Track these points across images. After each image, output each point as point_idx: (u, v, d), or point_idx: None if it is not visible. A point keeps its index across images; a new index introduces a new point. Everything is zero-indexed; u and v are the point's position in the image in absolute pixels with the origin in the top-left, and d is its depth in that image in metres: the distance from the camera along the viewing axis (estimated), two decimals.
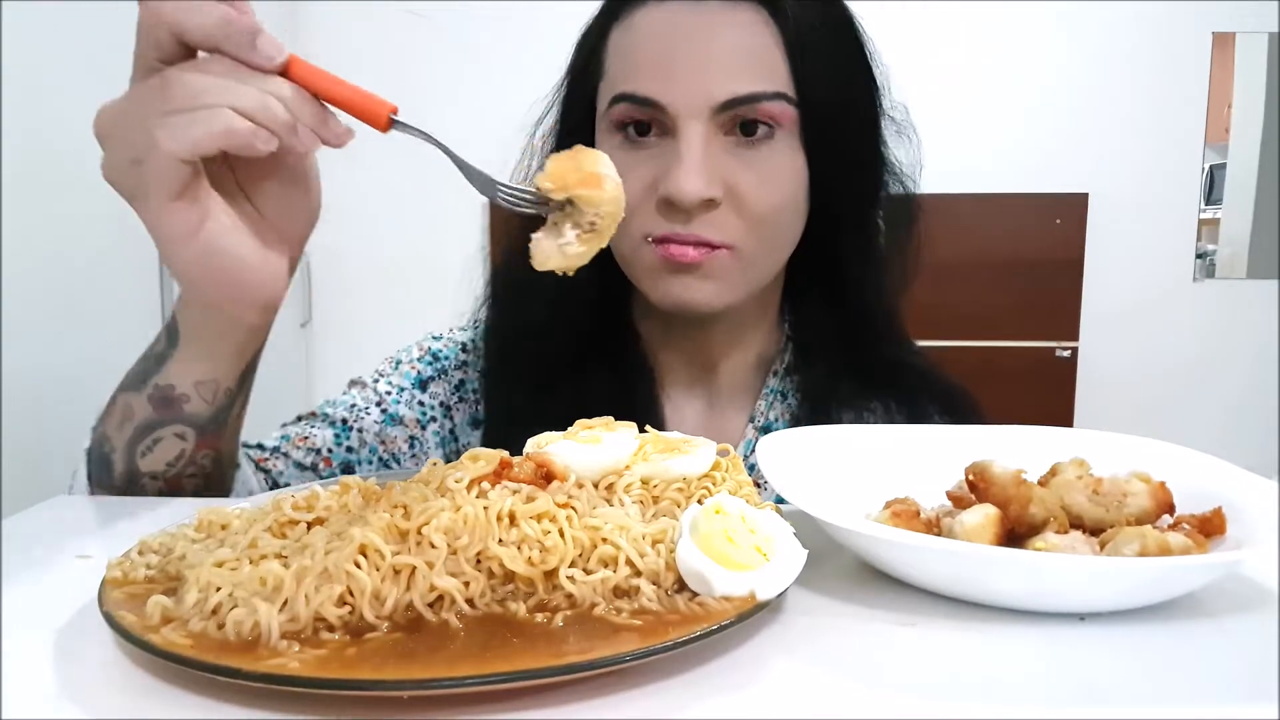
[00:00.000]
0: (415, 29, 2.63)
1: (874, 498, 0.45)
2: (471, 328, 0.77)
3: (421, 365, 0.74)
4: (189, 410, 0.55)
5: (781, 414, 0.72)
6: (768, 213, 0.63)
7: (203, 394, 0.55)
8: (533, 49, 2.44)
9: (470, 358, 0.75)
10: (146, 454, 0.56)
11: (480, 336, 0.76)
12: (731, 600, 0.34)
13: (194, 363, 0.54)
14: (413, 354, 0.75)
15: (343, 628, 0.32)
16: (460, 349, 0.76)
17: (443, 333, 0.77)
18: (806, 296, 0.73)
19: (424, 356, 0.75)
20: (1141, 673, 0.32)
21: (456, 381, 0.74)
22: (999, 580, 0.36)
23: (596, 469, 0.42)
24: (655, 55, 0.62)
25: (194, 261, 0.48)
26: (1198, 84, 2.54)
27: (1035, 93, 2.56)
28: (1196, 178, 2.59)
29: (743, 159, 0.62)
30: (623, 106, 0.63)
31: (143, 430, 0.55)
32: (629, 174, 0.61)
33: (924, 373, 0.74)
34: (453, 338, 0.77)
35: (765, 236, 0.64)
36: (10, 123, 1.39)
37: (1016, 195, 2.54)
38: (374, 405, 0.71)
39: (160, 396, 0.55)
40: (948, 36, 2.52)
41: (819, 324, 0.72)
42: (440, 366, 0.74)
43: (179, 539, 0.39)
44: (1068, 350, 2.57)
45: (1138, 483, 0.42)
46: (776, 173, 0.63)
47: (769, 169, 0.63)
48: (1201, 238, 2.61)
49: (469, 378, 0.75)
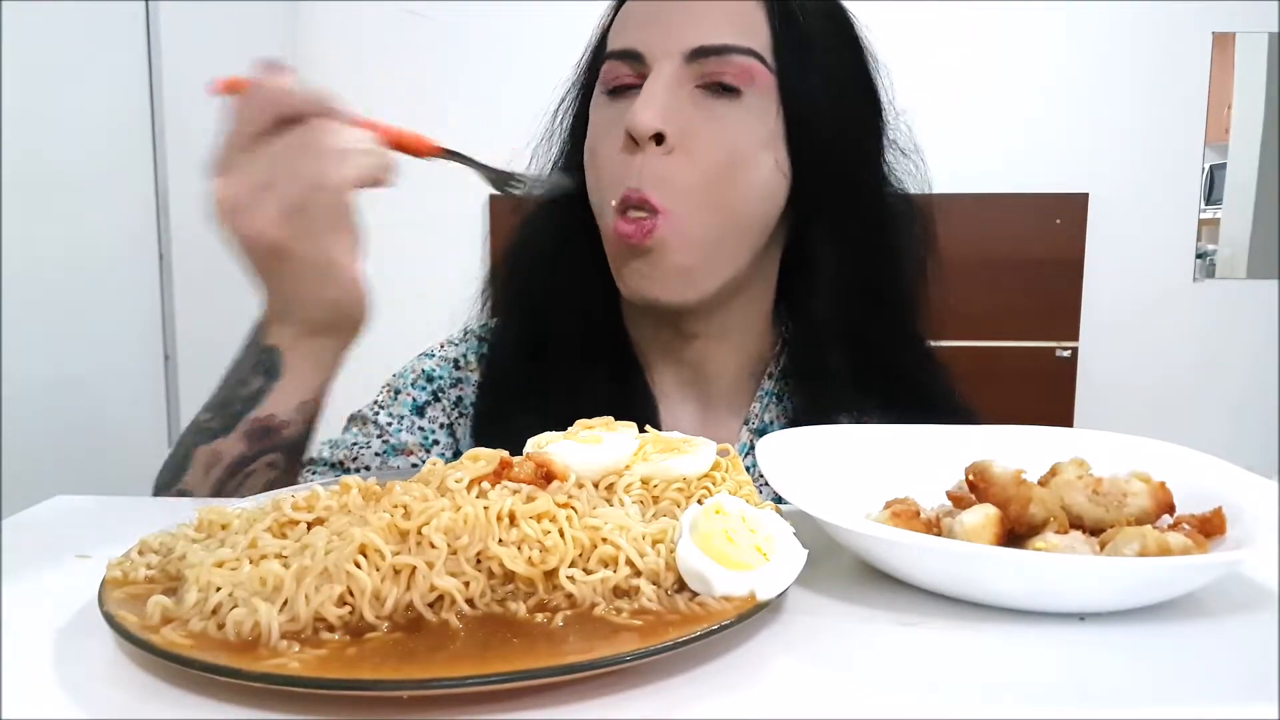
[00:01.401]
0: (415, 29, 2.63)
1: (874, 498, 0.45)
2: (462, 340, 0.77)
3: (416, 391, 0.73)
4: (288, 435, 0.57)
5: (777, 417, 0.72)
6: (722, 163, 0.62)
7: (304, 415, 0.58)
8: (533, 48, 2.44)
9: (464, 373, 0.75)
10: (237, 490, 0.57)
11: (473, 349, 0.76)
12: (731, 600, 0.34)
13: (298, 387, 0.57)
14: (407, 379, 0.74)
15: (343, 628, 0.32)
16: (453, 365, 0.75)
17: (434, 350, 0.76)
18: (800, 298, 0.72)
19: (418, 381, 0.74)
20: (1141, 673, 0.32)
21: (454, 399, 0.74)
22: (999, 580, 0.36)
23: (596, 469, 0.42)
24: (642, 14, 0.65)
25: (356, 281, 0.54)
26: (1198, 84, 2.54)
27: (1035, 93, 2.56)
28: (1196, 178, 2.59)
29: (704, 108, 0.63)
30: (609, 64, 0.66)
31: (233, 468, 0.57)
32: (604, 124, 0.66)
33: (924, 384, 0.73)
34: (444, 355, 0.76)
35: (713, 198, 0.62)
36: (10, 123, 1.39)
37: (1016, 195, 2.54)
38: (375, 438, 0.71)
39: (259, 429, 0.56)
40: (948, 37, 2.52)
41: (814, 326, 0.71)
42: (435, 389, 0.74)
43: (179, 539, 0.39)
44: (1068, 350, 2.57)
45: (1138, 483, 0.42)
46: (740, 124, 0.63)
47: (728, 121, 0.63)
48: (1201, 238, 2.61)
49: (466, 393, 0.74)
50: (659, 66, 0.62)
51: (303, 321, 0.55)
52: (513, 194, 0.59)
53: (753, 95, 0.63)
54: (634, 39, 0.64)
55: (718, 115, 0.62)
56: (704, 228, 0.63)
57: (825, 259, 0.69)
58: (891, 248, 0.71)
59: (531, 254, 0.73)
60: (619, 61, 0.65)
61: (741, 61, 0.62)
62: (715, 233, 0.63)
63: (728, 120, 0.62)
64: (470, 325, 0.78)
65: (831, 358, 0.70)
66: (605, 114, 0.66)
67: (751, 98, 0.63)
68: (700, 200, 0.62)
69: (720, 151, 0.62)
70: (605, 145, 0.65)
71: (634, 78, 0.64)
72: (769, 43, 0.63)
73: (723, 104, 0.63)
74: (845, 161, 0.67)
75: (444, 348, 0.77)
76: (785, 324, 0.74)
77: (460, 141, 0.53)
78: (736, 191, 0.63)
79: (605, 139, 0.65)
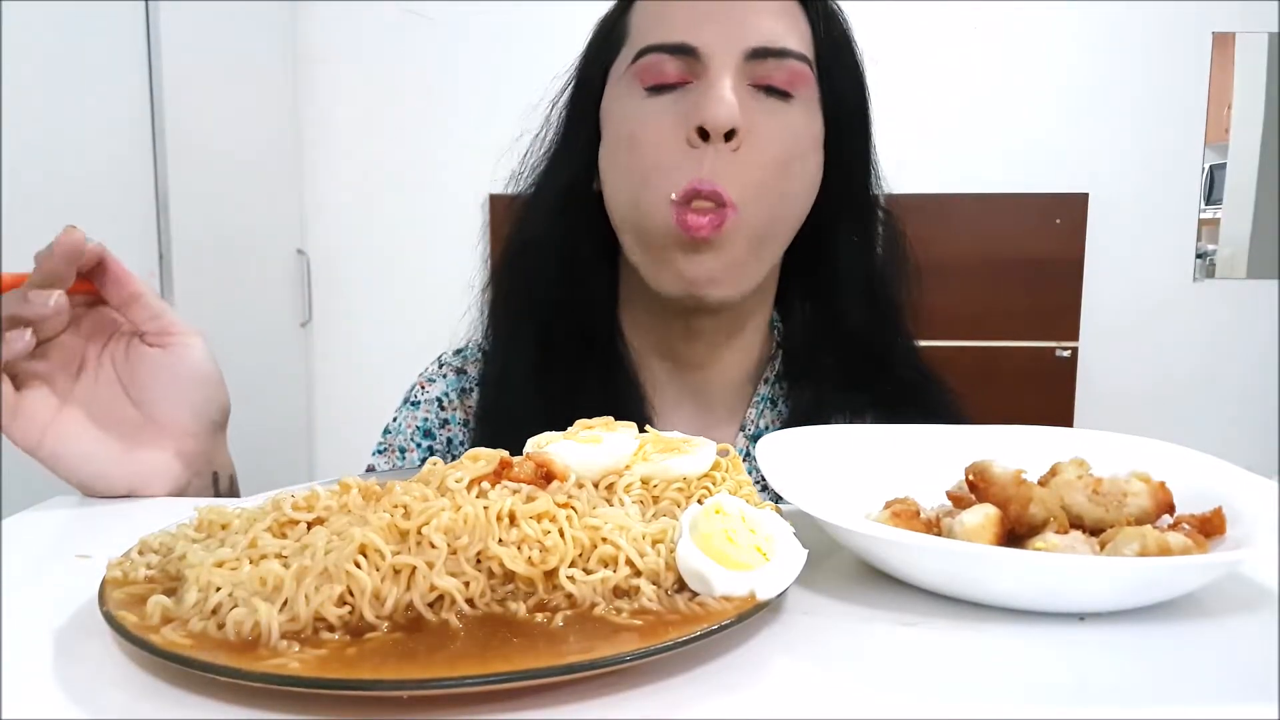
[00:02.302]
0: (415, 29, 2.63)
1: (874, 498, 0.45)
2: (439, 375, 0.77)
3: (421, 452, 0.74)
4: None
5: (772, 421, 0.72)
6: (783, 161, 0.63)
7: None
8: (533, 48, 2.44)
9: (449, 413, 0.75)
10: None
11: (452, 386, 0.76)
12: (731, 600, 0.34)
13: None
14: (406, 435, 0.75)
15: (343, 628, 0.32)
16: (439, 406, 0.75)
17: (419, 396, 0.76)
18: (798, 300, 0.73)
19: (414, 436, 0.75)
20: (1141, 673, 0.32)
21: (445, 441, 0.75)
22: (999, 580, 0.36)
23: (596, 469, 0.42)
24: (689, 8, 0.64)
25: (42, 461, 0.55)
26: (1198, 84, 2.55)
27: (1035, 93, 2.56)
28: (1196, 178, 2.59)
29: (765, 107, 0.63)
30: (651, 58, 0.64)
31: None
32: (653, 118, 0.64)
33: (918, 384, 0.73)
34: (429, 397, 0.76)
35: (774, 195, 0.63)
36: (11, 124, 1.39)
37: (1016, 195, 2.55)
38: None
39: None
40: (949, 37, 2.52)
41: (810, 328, 0.72)
42: (430, 445, 0.74)
43: (179, 539, 0.39)
44: (1068, 350, 2.57)
45: (1138, 483, 0.42)
46: (795, 127, 0.64)
47: (789, 120, 0.63)
48: (1201, 238, 2.61)
49: (454, 433, 0.75)
50: (719, 63, 0.62)
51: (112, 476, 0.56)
52: None
53: (801, 100, 0.64)
54: (687, 34, 0.63)
55: (780, 113, 0.63)
56: (762, 224, 0.63)
57: (828, 262, 0.70)
58: (886, 250, 0.73)
59: (535, 260, 0.72)
60: (666, 56, 0.63)
61: (794, 65, 0.63)
62: (769, 229, 0.64)
63: (787, 120, 0.63)
64: (445, 356, 0.78)
65: (826, 358, 0.71)
66: (649, 108, 0.64)
67: (800, 103, 0.64)
68: (761, 196, 0.63)
69: (782, 150, 0.63)
70: (655, 139, 0.63)
71: (682, 74, 0.63)
72: (811, 47, 0.65)
73: (782, 105, 0.63)
74: (866, 166, 0.69)
75: (425, 388, 0.77)
76: (778, 328, 0.75)
77: (460, 139, 0.53)
78: (792, 190, 0.65)
79: (653, 133, 0.63)
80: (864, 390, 0.71)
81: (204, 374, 0.58)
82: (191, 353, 0.58)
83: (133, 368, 0.57)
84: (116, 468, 0.55)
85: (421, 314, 0.82)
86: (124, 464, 0.56)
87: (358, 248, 2.71)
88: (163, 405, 0.57)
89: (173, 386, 0.57)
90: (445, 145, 2.54)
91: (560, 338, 0.70)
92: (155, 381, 0.57)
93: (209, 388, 0.59)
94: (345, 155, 2.70)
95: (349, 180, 2.71)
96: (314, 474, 2.74)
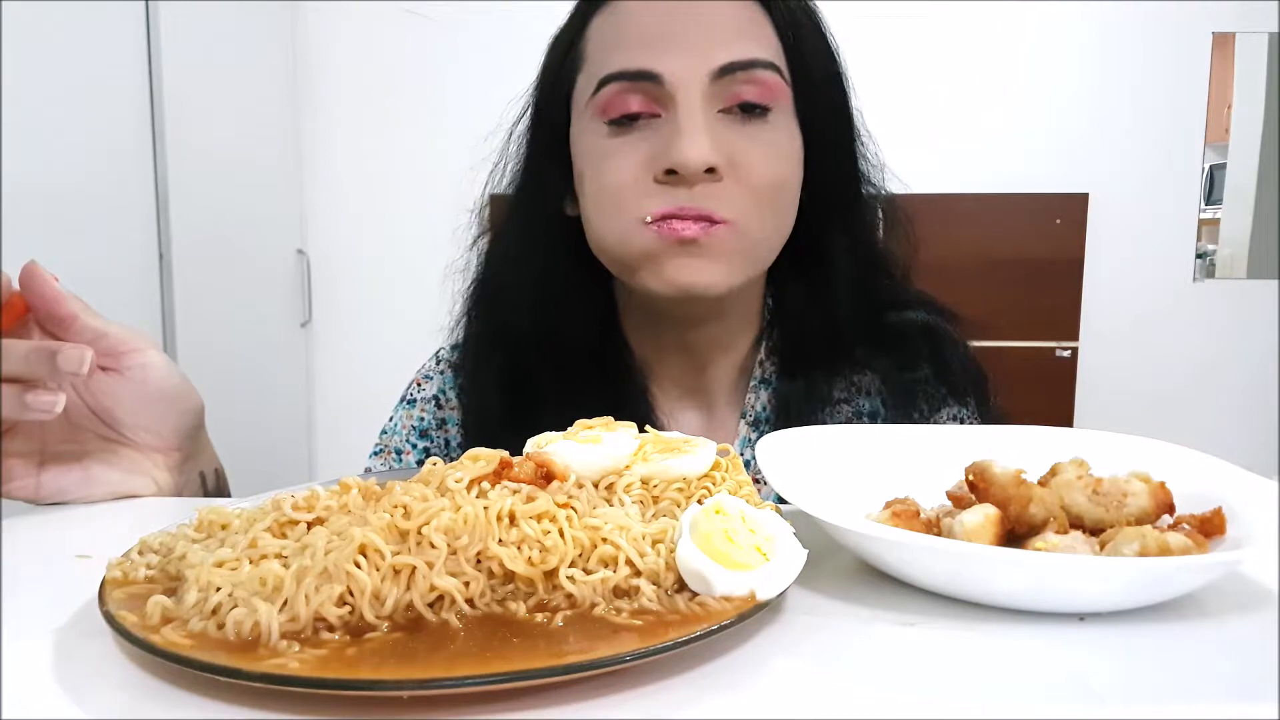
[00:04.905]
0: (415, 29, 2.63)
1: (874, 498, 0.45)
2: (436, 371, 0.77)
3: (417, 454, 0.74)
4: None
5: (769, 400, 0.71)
6: (771, 185, 0.62)
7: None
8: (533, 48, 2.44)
9: (446, 412, 0.75)
10: None
11: (449, 383, 0.75)
12: (731, 600, 0.34)
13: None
14: (402, 436, 0.74)
15: (343, 628, 0.32)
16: (435, 405, 0.75)
17: (414, 394, 0.76)
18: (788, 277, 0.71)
19: (410, 437, 0.74)
20: (1141, 673, 0.32)
21: (443, 442, 0.74)
22: (999, 580, 0.36)
23: (596, 469, 0.42)
24: (646, 29, 0.61)
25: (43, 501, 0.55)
26: (1198, 84, 2.55)
27: (1036, 93, 2.56)
28: (1196, 178, 2.59)
29: (743, 133, 0.61)
30: (612, 88, 0.60)
31: None
32: (619, 158, 0.61)
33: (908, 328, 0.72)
34: (425, 395, 0.75)
35: (767, 213, 0.62)
36: (11, 125, 1.39)
37: (1016, 195, 2.55)
38: None
39: None
40: (949, 37, 2.52)
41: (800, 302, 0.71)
42: (427, 445, 0.74)
43: (179, 539, 0.39)
44: (1068, 350, 2.57)
45: (1138, 483, 0.42)
46: (777, 146, 0.62)
47: (769, 140, 0.62)
48: (1201, 238, 2.61)
49: (451, 434, 0.75)
50: (686, 91, 0.59)
51: None
52: None
53: (778, 113, 0.62)
54: (647, 60, 0.59)
55: (760, 136, 0.61)
56: (760, 231, 0.63)
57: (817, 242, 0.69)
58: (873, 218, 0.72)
59: (521, 272, 0.70)
60: (627, 84, 0.60)
61: (764, 76, 0.60)
62: (767, 240, 0.64)
63: (769, 139, 0.62)
64: (444, 352, 0.77)
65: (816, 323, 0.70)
66: (611, 146, 0.61)
67: (777, 117, 0.62)
68: (755, 212, 0.61)
69: (770, 173, 0.61)
70: (623, 180, 0.61)
71: (647, 104, 0.60)
72: (781, 53, 0.62)
73: (759, 127, 0.61)
74: (841, 152, 0.68)
75: (422, 386, 0.76)
76: (768, 303, 0.73)
77: (460, 139, 0.53)
78: (785, 204, 0.64)
79: (623, 174, 0.61)
80: (853, 341, 0.70)
81: (168, 390, 0.57)
82: (150, 372, 0.56)
83: (96, 399, 0.55)
84: (112, 490, 0.56)
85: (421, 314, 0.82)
86: (119, 486, 0.56)
87: (358, 248, 2.71)
88: (136, 431, 0.56)
89: (141, 413, 0.56)
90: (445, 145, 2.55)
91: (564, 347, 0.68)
92: (121, 409, 0.56)
93: (178, 400, 0.57)
94: (345, 155, 2.70)
95: (349, 180, 2.71)
96: (314, 474, 2.74)
